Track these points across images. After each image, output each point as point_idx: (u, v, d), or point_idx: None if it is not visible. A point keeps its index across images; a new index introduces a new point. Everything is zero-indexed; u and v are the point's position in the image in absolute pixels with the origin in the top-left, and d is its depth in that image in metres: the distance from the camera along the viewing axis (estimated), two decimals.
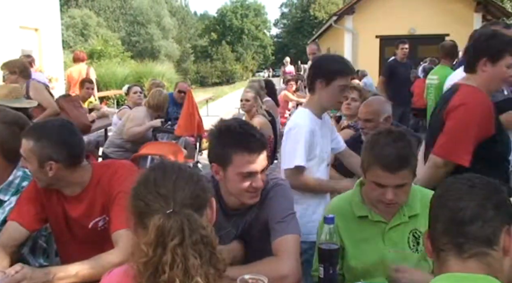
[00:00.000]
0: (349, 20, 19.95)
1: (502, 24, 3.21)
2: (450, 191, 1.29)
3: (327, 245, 1.70)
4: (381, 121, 3.28)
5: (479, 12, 19.10)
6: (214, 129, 2.00)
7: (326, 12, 44.75)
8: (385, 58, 19.79)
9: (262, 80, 6.56)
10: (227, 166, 1.92)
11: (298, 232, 1.94)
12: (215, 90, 31.26)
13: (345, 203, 2.13)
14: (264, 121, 5.15)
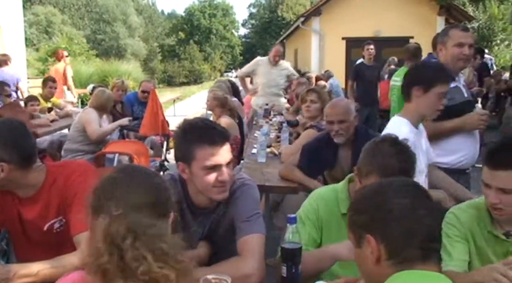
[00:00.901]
0: (316, 21, 20.14)
1: (460, 27, 3.30)
2: (415, 204, 1.32)
3: (290, 245, 1.71)
4: (352, 121, 3.35)
5: (442, 15, 19.58)
6: (178, 129, 2.01)
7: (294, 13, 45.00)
8: (351, 59, 20.05)
9: (228, 81, 6.57)
10: (191, 162, 1.92)
11: (263, 231, 1.96)
12: (183, 90, 31.03)
13: (332, 196, 2.15)
14: (231, 122, 5.16)
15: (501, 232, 1.98)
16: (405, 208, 1.31)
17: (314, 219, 2.10)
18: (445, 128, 3.10)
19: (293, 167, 3.54)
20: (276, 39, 37.51)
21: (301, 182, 3.45)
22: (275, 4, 50.29)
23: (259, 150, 4.31)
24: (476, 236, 2.02)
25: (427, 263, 1.29)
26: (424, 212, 1.30)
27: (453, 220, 2.05)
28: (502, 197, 1.88)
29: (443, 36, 3.22)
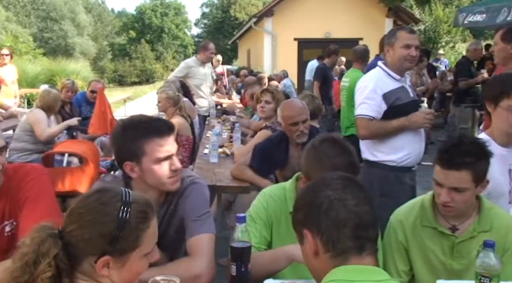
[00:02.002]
0: (269, 22, 20.25)
1: (407, 29, 3.40)
2: (345, 194, 1.35)
3: (239, 244, 1.72)
4: (308, 119, 3.40)
5: (391, 17, 20.11)
6: (117, 129, 1.97)
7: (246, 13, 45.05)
8: (303, 60, 20.32)
9: (178, 81, 6.50)
10: (141, 158, 1.89)
11: (213, 231, 1.95)
12: (134, 90, 30.49)
13: (280, 194, 2.16)
14: (183, 122, 5.11)
15: (446, 227, 2.06)
16: (333, 199, 1.34)
17: (264, 218, 2.11)
18: (391, 127, 3.18)
19: (244, 166, 3.55)
20: (229, 39, 37.45)
21: (253, 182, 3.46)
22: (228, 4, 50.17)
23: (211, 150, 4.30)
24: (420, 235, 2.09)
25: (363, 255, 1.31)
26: (353, 202, 1.33)
27: (398, 226, 2.11)
28: (454, 195, 1.95)
29: (390, 37, 3.30)
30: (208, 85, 7.19)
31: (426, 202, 2.12)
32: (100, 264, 1.33)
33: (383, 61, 3.42)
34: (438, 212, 2.09)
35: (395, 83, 3.27)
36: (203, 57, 6.97)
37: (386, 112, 3.22)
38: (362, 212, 1.32)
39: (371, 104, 3.22)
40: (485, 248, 1.67)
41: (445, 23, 22.67)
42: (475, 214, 2.05)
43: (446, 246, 2.05)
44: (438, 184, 1.99)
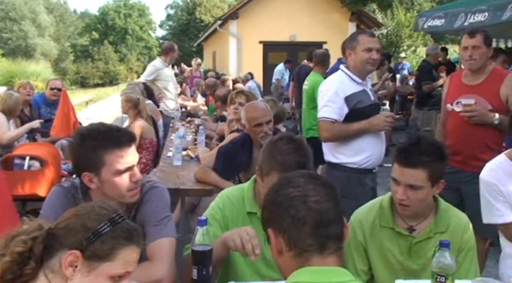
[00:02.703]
0: (234, 25, 20.25)
1: (368, 33, 3.47)
2: (306, 191, 1.33)
3: (201, 247, 1.71)
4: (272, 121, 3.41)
5: (354, 21, 20.43)
6: (76, 138, 1.92)
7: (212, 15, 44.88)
8: (269, 63, 20.42)
9: (141, 83, 6.42)
10: (100, 169, 1.84)
11: (173, 235, 1.93)
12: (97, 92, 29.96)
13: (238, 195, 2.16)
14: (145, 125, 5.05)
15: (404, 228, 2.10)
16: (294, 196, 1.32)
17: (220, 219, 2.11)
18: (352, 129, 3.23)
19: (208, 169, 3.53)
20: (194, 41, 37.23)
21: (216, 184, 3.45)
22: (193, 6, 49.85)
23: (174, 153, 4.26)
24: (378, 236, 2.13)
25: (325, 255, 1.30)
26: (314, 199, 1.31)
27: (358, 228, 2.15)
28: (410, 193, 2.00)
29: (352, 41, 3.35)
30: (174, 86, 7.14)
31: (384, 202, 2.16)
32: (68, 259, 1.33)
33: (345, 65, 3.47)
34: (396, 212, 2.13)
35: (357, 87, 3.32)
36: (169, 59, 6.92)
37: (348, 115, 3.27)
38: (323, 209, 1.30)
39: (333, 107, 3.26)
40: (441, 248, 1.71)
41: (407, 27, 23.15)
42: (432, 215, 2.11)
43: (404, 246, 2.10)
44: (395, 181, 2.04)
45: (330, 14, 19.75)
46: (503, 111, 3.28)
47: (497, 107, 3.29)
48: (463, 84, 3.45)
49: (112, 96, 27.15)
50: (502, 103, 3.30)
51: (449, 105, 3.44)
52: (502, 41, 7.65)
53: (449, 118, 3.47)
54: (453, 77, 3.61)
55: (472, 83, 3.40)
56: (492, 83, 3.35)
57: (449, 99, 3.46)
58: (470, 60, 3.32)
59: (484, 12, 4.73)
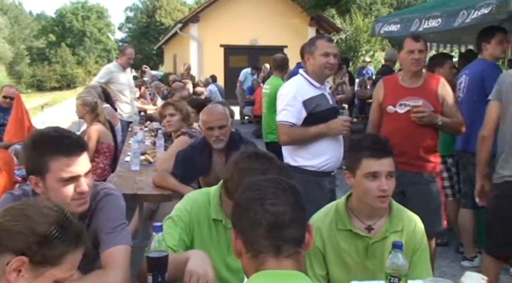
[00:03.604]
0: (195, 28, 20.18)
1: (326, 38, 3.52)
2: (265, 194, 1.34)
3: (156, 253, 1.67)
4: (229, 126, 3.38)
5: (313, 26, 20.69)
6: (28, 141, 1.88)
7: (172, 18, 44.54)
8: (230, 67, 20.43)
9: (99, 86, 6.30)
10: (45, 174, 1.79)
11: (128, 242, 1.90)
12: (54, 95, 29.24)
13: (205, 200, 2.13)
14: (103, 129, 4.96)
15: (361, 228, 2.13)
16: (253, 199, 1.34)
17: (187, 221, 2.07)
18: (310, 133, 3.26)
19: (166, 174, 3.49)
20: (154, 44, 36.85)
21: (175, 189, 3.41)
22: (153, 8, 49.35)
23: (132, 157, 4.19)
24: (335, 239, 2.15)
25: (280, 258, 1.30)
26: (271, 201, 1.32)
27: (316, 233, 2.14)
28: (389, 183, 2.07)
29: (310, 46, 3.39)
30: (131, 91, 7.05)
31: (340, 206, 2.19)
32: (14, 265, 1.28)
33: (304, 69, 3.51)
34: (353, 214, 2.16)
35: (315, 91, 3.36)
36: (122, 62, 6.83)
37: (306, 118, 3.30)
38: (279, 212, 1.30)
39: (291, 111, 3.29)
40: (394, 249, 1.74)
41: (365, 32, 23.63)
42: (386, 215, 2.16)
43: (361, 247, 2.13)
44: (374, 176, 2.07)
45: (290, 18, 19.94)
46: (440, 113, 3.47)
47: (436, 109, 3.46)
48: (403, 87, 3.54)
49: (70, 100, 26.49)
50: (440, 105, 3.49)
51: (391, 107, 3.53)
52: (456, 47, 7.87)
53: (390, 120, 3.56)
54: (388, 81, 3.72)
55: (412, 86, 3.52)
56: (430, 86, 3.52)
57: (389, 102, 3.55)
58: (416, 62, 3.45)
59: (437, 18, 4.87)
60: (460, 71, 4.69)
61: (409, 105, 3.43)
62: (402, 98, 3.48)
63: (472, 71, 4.23)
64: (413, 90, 3.49)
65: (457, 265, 4.29)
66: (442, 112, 3.49)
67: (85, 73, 44.69)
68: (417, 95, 3.46)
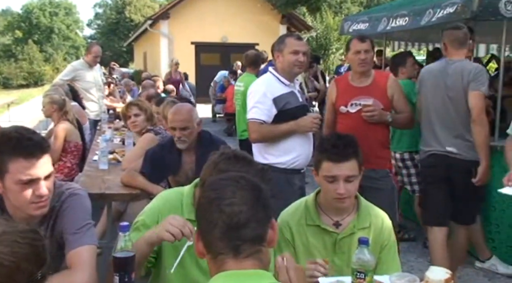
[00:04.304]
0: (165, 25, 20.02)
1: (295, 36, 3.56)
2: (223, 194, 1.31)
3: (123, 253, 1.65)
4: (195, 127, 3.33)
5: (284, 24, 20.77)
6: None
7: (142, 15, 44.01)
8: (201, 64, 20.34)
9: (66, 84, 6.18)
10: (5, 175, 1.76)
11: (94, 242, 1.87)
12: (21, 93, 28.59)
13: (177, 199, 2.10)
14: (70, 128, 4.86)
15: (329, 224, 2.15)
16: (211, 200, 1.31)
17: (155, 222, 2.04)
18: (280, 130, 3.28)
19: (135, 173, 3.44)
20: (124, 41, 36.38)
21: (144, 188, 3.37)
22: (122, 5, 48.65)
23: (100, 156, 4.12)
24: (304, 234, 2.17)
25: (240, 259, 1.28)
26: (227, 202, 1.29)
27: (285, 226, 2.18)
28: (348, 186, 2.08)
29: (279, 44, 3.41)
30: (98, 89, 6.93)
31: (309, 202, 2.22)
32: None
33: (273, 67, 3.52)
34: (321, 210, 2.18)
35: (285, 88, 3.37)
36: (89, 60, 6.72)
37: (276, 116, 3.31)
38: (235, 212, 1.27)
39: (261, 108, 3.30)
40: (360, 245, 1.76)
41: (335, 30, 23.76)
42: (354, 211, 2.19)
43: (329, 242, 2.15)
44: (332, 179, 2.08)
45: (261, 16, 19.96)
46: (390, 109, 3.60)
47: (386, 106, 3.57)
48: (353, 87, 3.63)
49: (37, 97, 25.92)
50: (389, 102, 3.61)
51: (343, 107, 3.62)
52: (424, 45, 8.02)
53: (343, 120, 3.65)
54: (340, 81, 3.82)
55: (362, 85, 3.61)
56: (379, 84, 3.62)
57: (341, 102, 3.64)
58: (363, 63, 3.54)
59: (405, 17, 4.94)
60: None
61: (360, 104, 3.53)
62: (353, 98, 3.58)
63: None
64: (363, 90, 3.59)
65: (425, 260, 4.38)
66: (393, 108, 3.61)
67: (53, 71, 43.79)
68: (367, 94, 3.56)
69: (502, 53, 4.81)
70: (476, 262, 4.29)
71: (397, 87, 3.67)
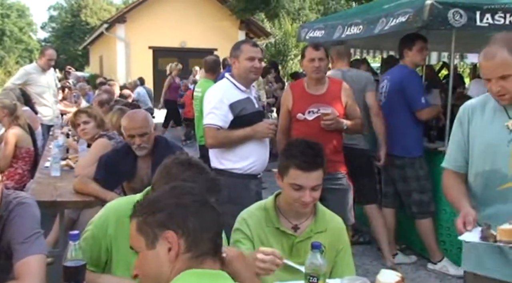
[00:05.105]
0: (121, 29, 19.74)
1: (251, 42, 3.61)
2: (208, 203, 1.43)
3: (73, 262, 1.62)
4: (152, 132, 3.29)
5: (243, 30, 20.85)
6: None
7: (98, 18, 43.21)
8: (159, 69, 20.14)
9: (18, 88, 6.00)
10: None
11: (43, 251, 1.82)
12: None
13: (127, 208, 2.04)
14: (21, 133, 4.74)
15: (288, 227, 2.16)
16: (199, 204, 1.40)
17: (103, 233, 2.00)
18: (237, 136, 3.29)
19: (88, 179, 3.37)
20: (80, 45, 35.61)
21: (97, 195, 3.30)
22: (78, 8, 47.61)
23: (52, 163, 4.01)
24: (264, 235, 2.18)
25: (216, 259, 1.39)
26: (213, 209, 1.43)
27: (242, 225, 2.17)
28: (313, 194, 2.09)
29: (235, 50, 3.42)
30: (51, 93, 6.76)
31: (268, 204, 2.23)
32: None
33: (230, 73, 3.53)
34: (280, 213, 2.20)
35: (241, 94, 3.39)
36: (42, 64, 6.55)
37: (232, 122, 3.32)
38: (220, 222, 1.44)
39: (218, 114, 3.30)
40: (313, 250, 1.78)
41: (293, 37, 24.07)
42: (312, 216, 2.21)
43: (286, 245, 2.17)
44: (298, 187, 2.09)
45: (220, 21, 19.97)
46: (344, 116, 3.71)
47: (341, 113, 3.69)
48: (309, 94, 3.73)
49: None
50: (344, 109, 3.74)
51: (301, 114, 3.69)
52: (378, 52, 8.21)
53: (299, 126, 3.73)
54: (295, 87, 3.89)
55: (317, 93, 3.72)
56: (334, 92, 3.74)
57: (298, 109, 3.72)
58: (317, 70, 3.64)
59: (359, 25, 5.04)
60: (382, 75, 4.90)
61: (318, 112, 3.62)
62: (310, 105, 3.67)
63: (393, 77, 4.43)
64: (320, 97, 3.69)
65: (379, 263, 4.47)
66: (345, 114, 3.73)
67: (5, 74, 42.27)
68: (323, 101, 3.66)
69: (452, 61, 4.99)
70: (428, 264, 4.41)
71: (350, 95, 3.80)
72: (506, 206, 2.07)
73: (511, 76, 1.95)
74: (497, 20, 3.94)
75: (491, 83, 2.01)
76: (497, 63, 1.95)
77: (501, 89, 1.98)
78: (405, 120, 4.29)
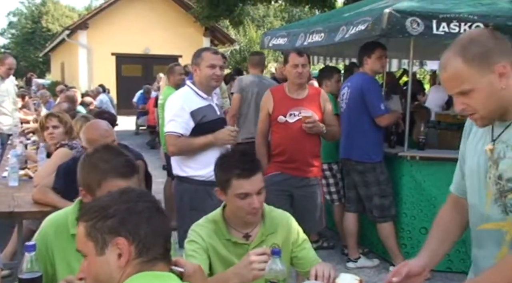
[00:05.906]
0: (83, 35, 19.46)
1: (212, 50, 3.61)
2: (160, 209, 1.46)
3: (29, 274, 1.59)
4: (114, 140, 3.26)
5: (208, 37, 20.87)
6: None
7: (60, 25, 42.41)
8: (122, 75, 19.92)
9: None
10: None
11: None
12: None
13: (63, 219, 2.05)
14: None
15: (239, 237, 2.17)
16: (152, 210, 1.42)
17: (44, 247, 1.97)
18: (198, 143, 3.29)
19: (47, 188, 3.30)
20: (41, 51, 34.86)
21: (56, 205, 3.22)
22: (39, 14, 46.63)
23: (10, 172, 3.92)
24: (217, 247, 2.17)
25: (166, 263, 1.42)
26: (163, 214, 1.45)
27: (195, 236, 2.16)
28: (259, 198, 2.09)
29: (196, 58, 3.43)
30: (11, 101, 6.60)
31: (216, 217, 2.21)
32: None
33: (191, 80, 3.53)
34: (228, 224, 2.19)
35: (202, 102, 3.39)
36: (2, 72, 6.39)
37: (194, 129, 3.32)
38: (170, 225, 1.49)
39: (179, 121, 3.30)
40: (272, 256, 1.79)
41: (258, 44, 24.19)
42: (261, 220, 2.22)
43: (241, 255, 2.16)
44: (245, 196, 2.07)
45: (184, 28, 19.92)
46: (322, 122, 3.78)
47: (320, 119, 3.76)
48: (290, 98, 3.78)
49: None
50: (322, 114, 3.81)
51: (282, 117, 3.74)
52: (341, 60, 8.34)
53: (280, 129, 3.78)
54: (275, 92, 3.92)
55: (299, 97, 3.78)
56: (314, 97, 3.83)
57: (279, 112, 3.76)
58: (300, 76, 3.72)
59: (320, 33, 5.12)
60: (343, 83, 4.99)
61: (299, 115, 3.67)
62: (291, 109, 3.72)
63: (353, 84, 4.51)
64: (301, 101, 3.76)
65: (343, 267, 4.52)
66: (323, 120, 3.78)
67: None
68: (304, 106, 3.73)
69: (410, 68, 5.11)
70: (390, 267, 4.49)
71: (328, 102, 3.90)
72: (480, 252, 1.71)
73: (472, 91, 1.52)
74: (452, 29, 4.06)
75: (454, 100, 1.59)
76: (449, 76, 1.55)
77: (466, 107, 1.56)
78: (365, 126, 4.38)
